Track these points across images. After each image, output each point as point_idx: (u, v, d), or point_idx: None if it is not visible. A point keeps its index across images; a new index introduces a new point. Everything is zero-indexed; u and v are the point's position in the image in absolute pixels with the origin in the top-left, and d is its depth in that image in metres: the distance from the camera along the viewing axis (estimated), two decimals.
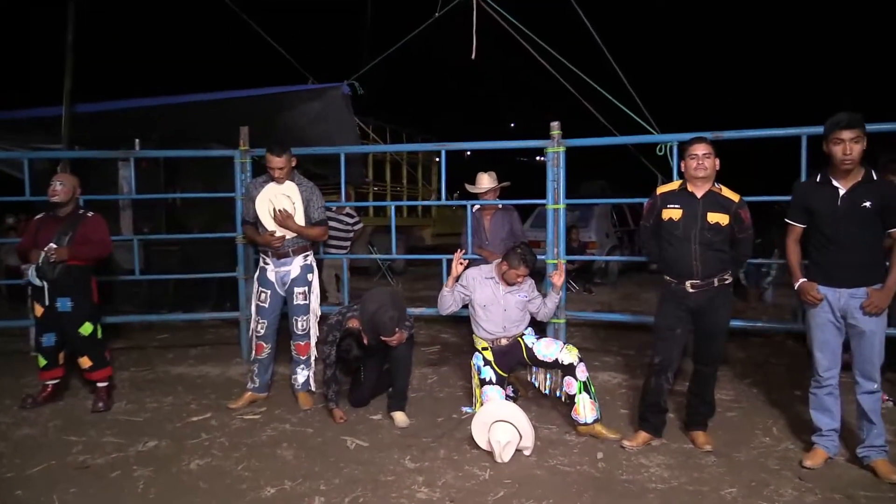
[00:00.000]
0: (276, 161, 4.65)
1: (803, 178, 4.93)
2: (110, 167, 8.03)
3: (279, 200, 4.71)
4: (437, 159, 16.96)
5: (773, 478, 3.66)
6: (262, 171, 5.06)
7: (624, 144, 5.92)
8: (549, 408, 4.77)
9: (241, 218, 5.53)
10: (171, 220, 8.28)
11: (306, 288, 4.90)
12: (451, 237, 15.13)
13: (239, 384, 5.47)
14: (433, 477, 3.67)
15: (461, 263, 4.52)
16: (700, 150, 3.91)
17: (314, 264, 4.99)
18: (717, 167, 3.95)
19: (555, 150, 5.44)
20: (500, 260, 4.60)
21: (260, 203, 4.76)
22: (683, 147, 4.04)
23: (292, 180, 4.80)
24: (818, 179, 3.73)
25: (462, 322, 7.34)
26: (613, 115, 7.12)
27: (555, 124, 5.47)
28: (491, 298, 4.54)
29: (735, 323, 5.25)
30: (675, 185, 4.08)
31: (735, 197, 3.96)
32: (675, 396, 4.59)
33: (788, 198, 3.94)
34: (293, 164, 4.77)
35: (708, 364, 4.09)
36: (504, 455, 3.79)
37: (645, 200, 4.27)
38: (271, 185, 4.76)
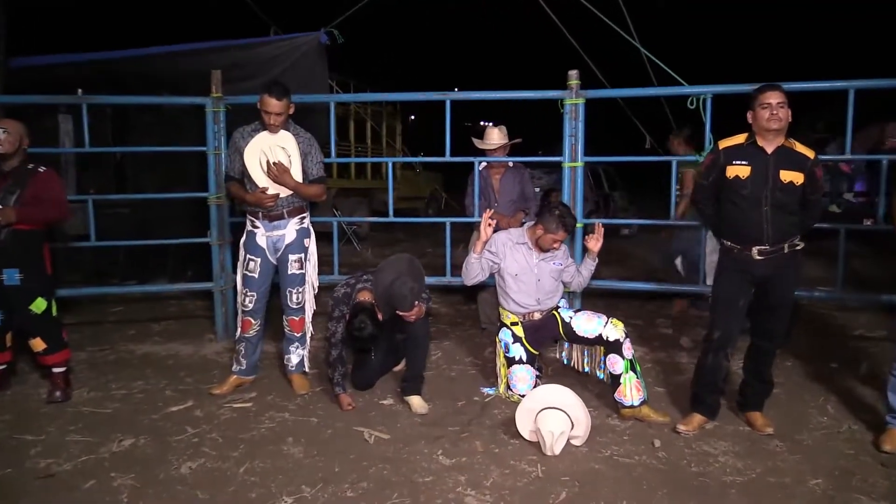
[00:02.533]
0: (275, 105, 3.94)
1: (848, 134, 4.55)
2: (49, 120, 7.07)
3: (273, 152, 4.01)
4: (411, 118, 16.38)
5: (853, 465, 3.28)
6: (235, 124, 4.35)
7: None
8: (580, 386, 4.27)
9: (224, 173, 4.76)
10: (122, 180, 7.39)
11: (302, 255, 4.25)
12: (415, 201, 14.52)
13: (218, 365, 4.80)
14: (477, 476, 3.14)
15: (490, 224, 3.95)
16: (774, 97, 3.42)
17: (311, 228, 4.33)
18: (790, 119, 3.47)
19: (573, 102, 4.88)
20: (534, 222, 4.05)
21: (250, 155, 4.05)
22: (752, 96, 3.54)
23: (288, 130, 4.11)
24: None
25: (451, 291, 6.82)
26: (616, 66, 6.62)
27: (573, 73, 4.91)
28: (523, 267, 4.00)
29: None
30: (739, 138, 3.59)
31: (810, 153, 3.51)
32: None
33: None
34: (291, 111, 4.07)
35: (771, 339, 3.66)
36: (556, 447, 3.28)
37: (657, 159, 3.77)
38: (263, 135, 4.06)
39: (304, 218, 4.25)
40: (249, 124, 4.20)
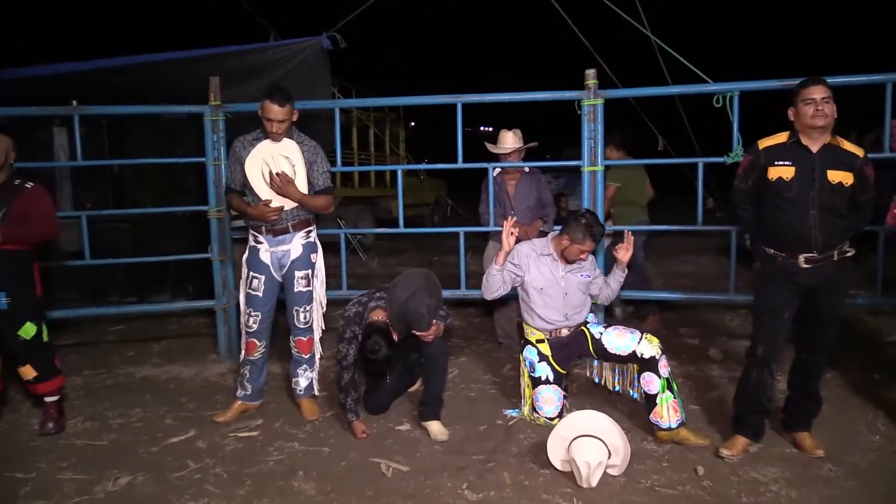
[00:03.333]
0: (277, 111, 3.68)
1: (887, 129, 4.28)
2: (43, 134, 6.81)
3: (276, 162, 3.74)
4: (413, 124, 16.11)
5: None
6: (235, 133, 4.08)
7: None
8: (609, 406, 4.00)
9: (224, 185, 4.48)
10: (119, 194, 7.12)
11: (309, 271, 3.97)
12: (419, 209, 14.24)
13: (221, 389, 4.52)
14: None
15: (512, 234, 3.67)
16: (819, 92, 3.15)
17: (318, 242, 4.06)
18: (836, 115, 3.20)
19: (591, 103, 4.61)
20: (559, 233, 3.77)
21: (251, 165, 3.78)
22: (794, 91, 3.27)
23: (291, 138, 3.84)
24: None
25: (464, 304, 6.54)
26: (628, 66, 6.34)
27: (590, 72, 4.64)
28: (549, 280, 3.72)
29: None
30: (781, 136, 3.32)
31: (859, 151, 3.24)
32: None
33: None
34: (295, 118, 3.81)
35: (819, 352, 3.38)
36: (592, 479, 3.00)
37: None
38: (265, 144, 3.79)
39: (310, 231, 3.98)
40: (251, 133, 3.93)
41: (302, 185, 3.83)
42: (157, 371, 4.96)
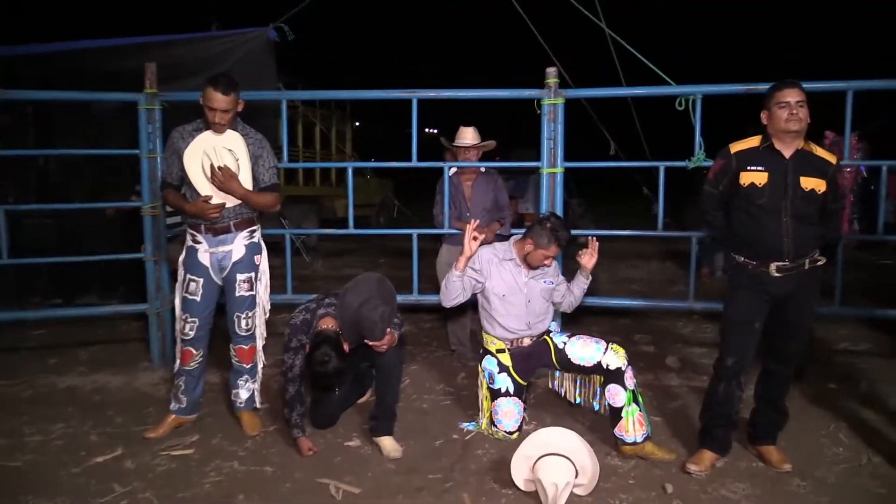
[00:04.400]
0: (221, 100, 3.38)
1: (847, 137, 4.25)
2: None
3: (219, 155, 3.43)
4: (357, 124, 15.72)
5: None
6: (173, 124, 3.75)
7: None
8: (570, 418, 3.83)
9: (160, 179, 4.12)
10: (45, 187, 6.62)
11: (252, 274, 3.67)
12: (365, 209, 13.90)
13: (153, 400, 4.16)
14: None
15: (475, 238, 3.46)
16: (793, 96, 3.05)
17: (262, 243, 3.76)
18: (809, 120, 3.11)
19: (551, 102, 4.45)
20: (522, 237, 3.58)
21: (191, 158, 3.47)
22: (767, 94, 3.16)
23: (235, 129, 3.54)
24: None
25: (413, 309, 6.29)
26: (585, 67, 6.22)
27: (551, 71, 4.49)
28: (511, 286, 3.52)
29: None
30: (753, 140, 3.20)
31: (832, 158, 3.15)
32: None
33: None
34: (240, 108, 3.51)
35: (787, 364, 3.28)
36: (559, 501, 2.81)
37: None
38: (207, 135, 3.48)
39: (253, 231, 3.68)
40: (191, 123, 3.61)
41: (246, 181, 3.54)
42: (82, 381, 4.54)
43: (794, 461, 3.28)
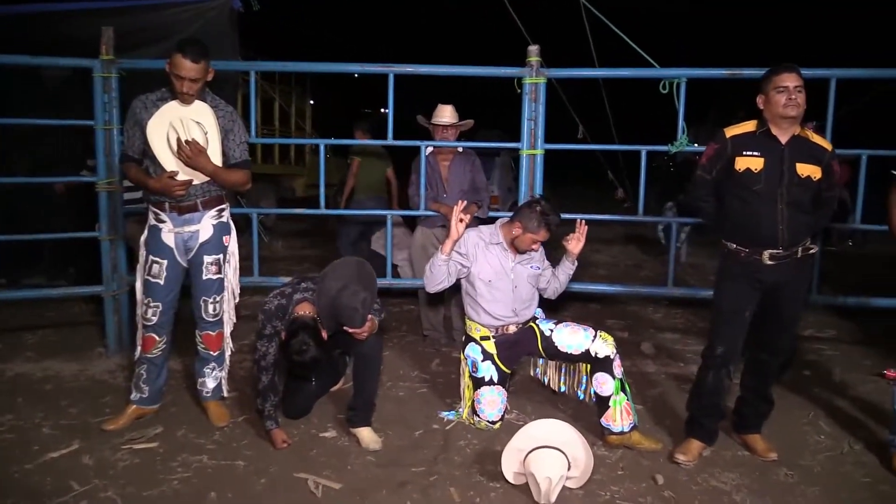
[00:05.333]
0: (190, 68, 3.12)
1: (829, 125, 4.22)
2: None
3: (186, 127, 3.19)
4: (311, 102, 15.28)
5: (874, 497, 2.93)
6: (131, 95, 3.48)
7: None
8: (550, 405, 3.74)
9: (120, 152, 3.83)
10: None
11: (221, 256, 3.45)
12: (326, 188, 13.56)
13: (111, 389, 3.91)
14: None
15: (462, 220, 3.30)
16: (791, 80, 2.97)
17: (231, 223, 3.53)
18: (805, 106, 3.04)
19: (533, 81, 4.31)
20: (510, 220, 3.44)
21: (154, 130, 3.21)
22: (764, 78, 3.07)
23: (204, 101, 3.29)
24: None
25: (382, 292, 6.11)
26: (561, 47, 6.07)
27: (533, 49, 4.34)
28: (498, 271, 3.39)
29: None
30: (749, 125, 3.12)
31: (827, 145, 3.10)
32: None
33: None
34: (209, 77, 3.26)
35: (775, 353, 3.24)
36: (552, 495, 2.70)
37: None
38: (173, 105, 3.22)
39: (222, 210, 3.45)
40: (155, 91, 3.35)
41: (215, 157, 3.30)
42: (31, 367, 4.24)
43: (778, 450, 3.25)
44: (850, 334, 5.35)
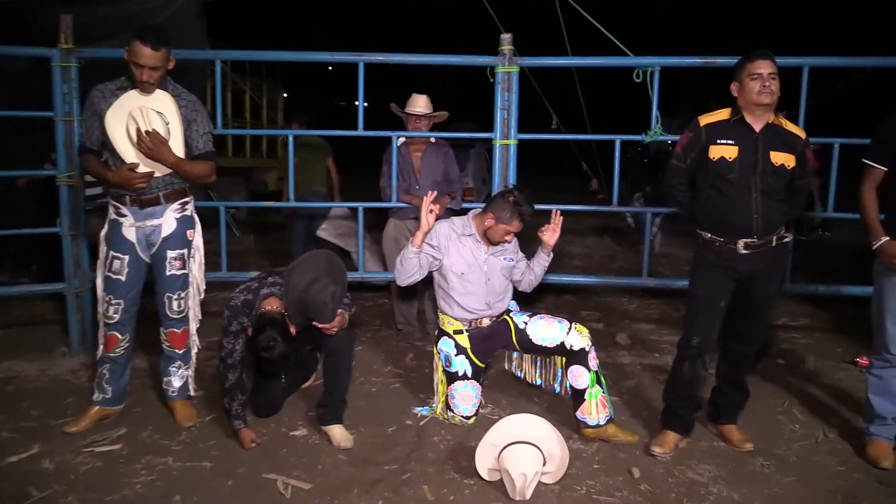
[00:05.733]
0: (150, 55, 3.01)
1: (802, 113, 4.21)
2: None
3: (146, 117, 3.07)
4: (285, 95, 15.08)
5: (852, 486, 2.91)
6: (92, 86, 3.34)
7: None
8: (525, 399, 3.70)
9: (79, 144, 3.69)
10: None
11: (185, 251, 3.34)
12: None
13: (73, 389, 3.78)
14: None
15: (432, 211, 3.22)
16: (766, 67, 2.94)
17: (196, 217, 3.42)
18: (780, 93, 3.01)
19: (506, 70, 4.24)
20: (483, 210, 3.37)
21: (113, 120, 3.09)
22: (738, 65, 3.04)
23: (166, 89, 3.18)
24: None
25: (355, 286, 6.02)
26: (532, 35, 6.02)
27: (505, 37, 4.27)
28: (471, 263, 3.32)
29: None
30: (723, 113, 3.08)
31: (801, 133, 3.07)
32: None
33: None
34: (171, 66, 3.14)
35: (750, 343, 3.22)
36: (527, 492, 2.65)
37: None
38: (132, 95, 3.10)
39: (186, 204, 3.34)
40: (114, 80, 3.22)
41: (178, 148, 3.18)
42: None
43: (754, 439, 3.23)
44: (822, 322, 5.39)
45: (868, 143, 3.15)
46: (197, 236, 3.42)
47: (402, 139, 4.52)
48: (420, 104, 4.47)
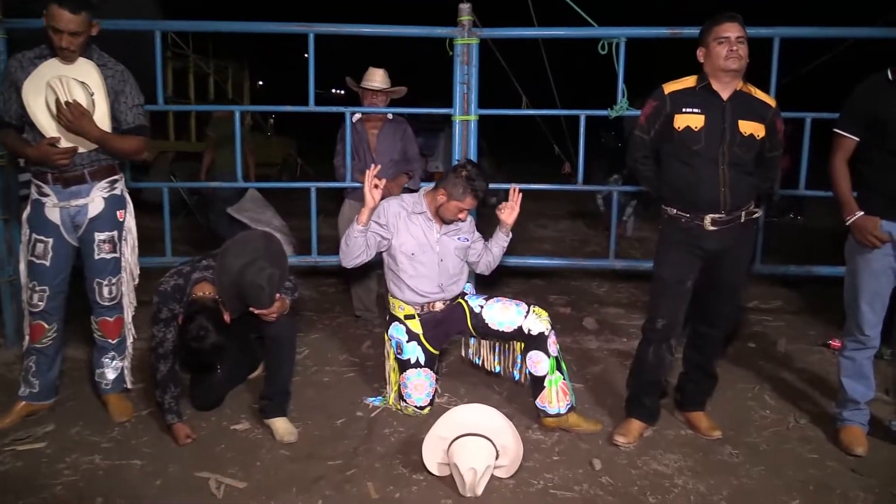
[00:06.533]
0: (69, 19, 2.75)
1: (773, 86, 4.03)
2: None
3: (67, 88, 2.81)
4: (260, 83, 14.71)
5: (824, 475, 2.76)
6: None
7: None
8: (484, 387, 3.51)
9: None
10: None
11: (115, 233, 3.09)
12: (265, 168, 13.07)
13: (6, 384, 3.51)
14: None
15: (376, 187, 3.00)
16: (733, 31, 2.75)
17: (127, 196, 3.17)
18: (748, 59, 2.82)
19: (465, 42, 4.02)
20: (435, 187, 3.15)
21: (31, 91, 2.83)
22: (704, 29, 2.85)
23: (90, 59, 2.92)
24: (893, 78, 2.76)
25: (315, 272, 5.80)
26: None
27: (465, 7, 4.04)
28: (422, 243, 3.11)
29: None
30: (688, 81, 2.89)
31: (771, 101, 2.89)
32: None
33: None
34: (94, 31, 2.88)
35: (719, 326, 3.04)
36: (478, 488, 2.46)
37: None
38: (52, 63, 2.85)
39: (115, 182, 3.09)
40: (32, 49, 2.96)
41: (103, 121, 2.93)
42: None
43: (722, 427, 3.08)
44: (794, 304, 5.27)
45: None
46: (128, 217, 3.17)
47: (357, 115, 4.28)
48: (377, 78, 4.23)
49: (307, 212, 4.31)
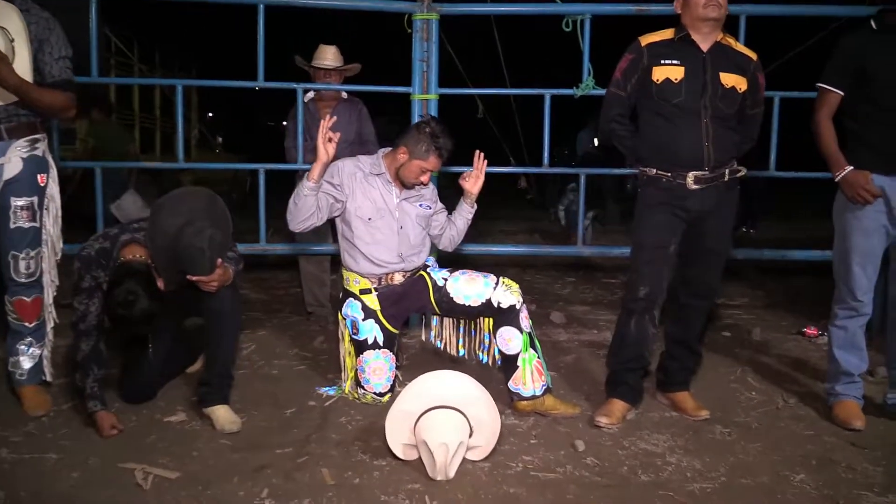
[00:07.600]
0: None
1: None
2: None
3: None
4: (210, 115, 14.34)
5: (824, 450, 2.55)
6: None
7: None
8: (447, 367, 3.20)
9: None
10: None
11: (35, 199, 2.72)
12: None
13: None
14: None
15: (331, 140, 2.70)
16: None
17: (50, 160, 2.82)
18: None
19: (424, 18, 3.81)
20: (395, 145, 2.88)
21: None
22: None
23: (12, 2, 2.59)
24: (877, 28, 2.64)
25: (262, 267, 5.45)
26: None
27: None
28: (381, 207, 2.81)
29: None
30: (666, 33, 2.71)
31: (752, 54, 2.73)
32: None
33: None
34: None
35: (703, 296, 2.83)
36: (450, 469, 2.15)
37: None
38: None
39: (36, 142, 2.73)
40: None
41: (24, 70, 2.58)
42: None
43: (709, 408, 2.84)
44: (762, 300, 5.15)
45: (813, 95, 2.84)
46: (52, 183, 2.80)
47: (309, 94, 4.01)
48: (328, 56, 3.98)
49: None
